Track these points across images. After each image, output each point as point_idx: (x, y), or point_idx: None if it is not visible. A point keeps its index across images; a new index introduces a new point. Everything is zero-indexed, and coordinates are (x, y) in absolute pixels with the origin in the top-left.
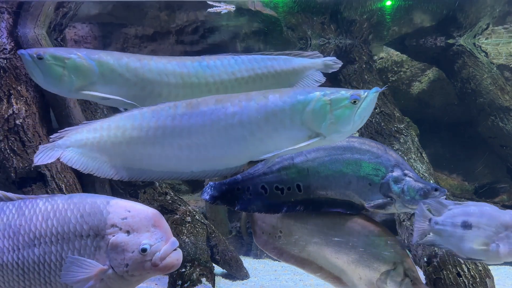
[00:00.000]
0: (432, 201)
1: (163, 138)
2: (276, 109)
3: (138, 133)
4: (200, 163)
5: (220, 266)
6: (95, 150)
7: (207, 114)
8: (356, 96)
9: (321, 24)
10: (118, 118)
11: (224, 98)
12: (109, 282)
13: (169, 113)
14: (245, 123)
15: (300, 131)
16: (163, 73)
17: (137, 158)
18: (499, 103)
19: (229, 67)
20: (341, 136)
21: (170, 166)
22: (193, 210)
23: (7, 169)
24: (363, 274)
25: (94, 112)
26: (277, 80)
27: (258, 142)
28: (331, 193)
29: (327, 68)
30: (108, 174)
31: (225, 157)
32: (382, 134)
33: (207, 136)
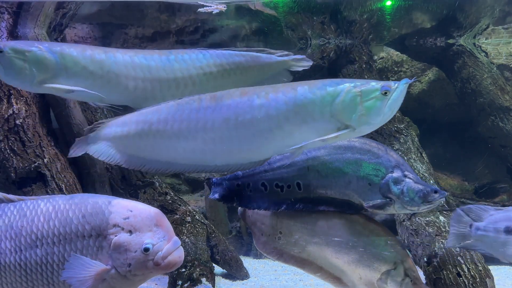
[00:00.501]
0: (473, 206)
1: (188, 131)
2: (306, 101)
3: (163, 127)
4: (224, 157)
5: (220, 266)
6: (124, 143)
7: (231, 107)
8: (387, 87)
9: (321, 24)
10: (145, 112)
11: (249, 91)
12: (112, 282)
13: (193, 106)
14: (273, 116)
15: (329, 123)
16: (129, 66)
17: (163, 151)
18: (499, 103)
19: (198, 61)
20: (371, 128)
21: (194, 159)
22: (193, 210)
23: (7, 169)
24: (364, 274)
25: (94, 112)
26: (245, 76)
27: (285, 135)
28: (330, 192)
29: (295, 67)
30: (136, 166)
31: (250, 150)
32: (382, 134)
33: (232, 129)
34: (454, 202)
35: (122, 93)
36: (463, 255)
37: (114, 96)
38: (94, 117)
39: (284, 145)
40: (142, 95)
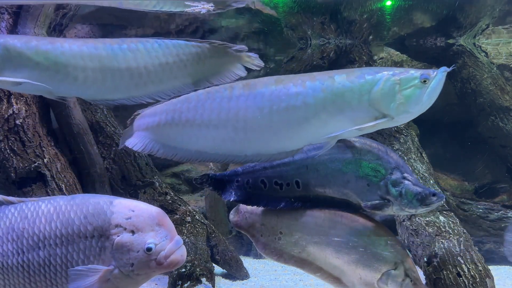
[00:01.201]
0: None
1: (218, 120)
2: (344, 89)
3: (193, 115)
4: (256, 146)
5: (220, 266)
6: (155, 133)
7: (265, 95)
8: (426, 75)
9: (321, 24)
10: (175, 101)
11: (284, 79)
12: (115, 281)
13: (224, 94)
14: (310, 104)
15: (367, 112)
16: (78, 56)
17: (192, 140)
18: (499, 103)
19: (153, 51)
20: (409, 117)
21: (224, 148)
22: (193, 210)
23: (7, 169)
24: (364, 274)
25: (94, 112)
26: (201, 68)
27: (321, 124)
28: (329, 191)
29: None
30: (167, 155)
31: (283, 140)
32: (382, 134)
33: (266, 118)
34: (454, 202)
35: (71, 84)
36: (463, 255)
37: (64, 87)
38: (94, 117)
39: (319, 134)
40: (94, 86)
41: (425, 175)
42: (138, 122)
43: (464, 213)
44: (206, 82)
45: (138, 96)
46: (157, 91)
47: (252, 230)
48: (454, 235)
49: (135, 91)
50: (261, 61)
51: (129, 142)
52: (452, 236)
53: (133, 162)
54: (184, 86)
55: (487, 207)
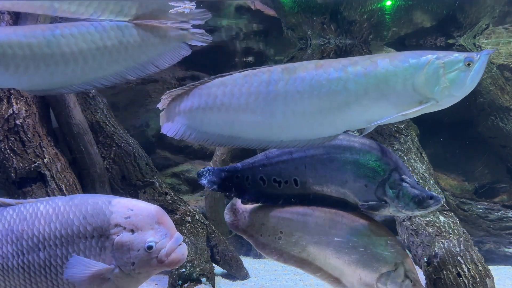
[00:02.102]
0: None
1: (256, 104)
2: (387, 74)
3: (229, 100)
4: (293, 132)
5: (220, 266)
6: (188, 117)
7: (306, 80)
8: (470, 58)
9: (321, 24)
10: (209, 85)
11: (325, 63)
12: (116, 281)
13: (262, 78)
14: (351, 90)
15: (411, 97)
16: (6, 44)
17: (227, 125)
18: (499, 103)
19: (89, 35)
20: (453, 100)
21: (260, 134)
22: (193, 210)
23: (7, 169)
24: (363, 275)
25: (94, 112)
26: (143, 49)
27: (362, 110)
28: (327, 190)
29: (194, 41)
30: (199, 141)
31: (322, 125)
32: (382, 134)
33: (305, 103)
34: (454, 202)
35: (2, 74)
36: (463, 255)
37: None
38: (94, 117)
39: (359, 120)
40: (26, 76)
41: (425, 175)
42: (169, 106)
43: (464, 213)
44: (151, 65)
45: (78, 83)
46: (97, 77)
47: (251, 230)
48: (454, 235)
49: (73, 79)
50: (209, 35)
51: (163, 128)
52: (452, 236)
53: (133, 162)
54: (127, 70)
55: (487, 207)
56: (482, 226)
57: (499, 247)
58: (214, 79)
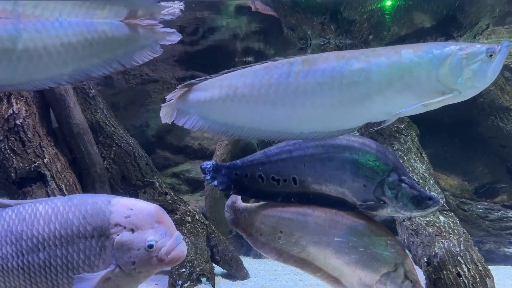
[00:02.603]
0: None
1: (275, 96)
2: (412, 65)
3: (249, 91)
4: (313, 124)
5: (220, 266)
6: (206, 109)
7: (327, 71)
8: (492, 49)
9: (321, 24)
10: (230, 76)
11: (346, 54)
12: (116, 280)
13: (282, 70)
14: (374, 81)
15: (434, 88)
16: None
17: (247, 117)
18: (499, 103)
19: (53, 30)
20: (475, 91)
21: (280, 126)
22: (193, 210)
23: (7, 169)
24: (363, 275)
25: (94, 112)
26: (109, 47)
27: (385, 101)
28: (325, 189)
29: (164, 40)
30: (219, 133)
31: (343, 117)
32: (382, 134)
33: (326, 94)
34: (454, 202)
35: None
36: (463, 255)
37: None
38: (94, 117)
39: (381, 111)
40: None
41: (425, 175)
42: (187, 97)
43: (464, 213)
44: (117, 63)
45: (40, 80)
46: (61, 73)
47: (250, 229)
48: (454, 235)
49: (36, 75)
50: (179, 34)
51: (178, 119)
52: (452, 236)
53: (133, 162)
54: (92, 67)
55: (487, 207)
56: (482, 226)
57: (499, 247)
58: (234, 71)
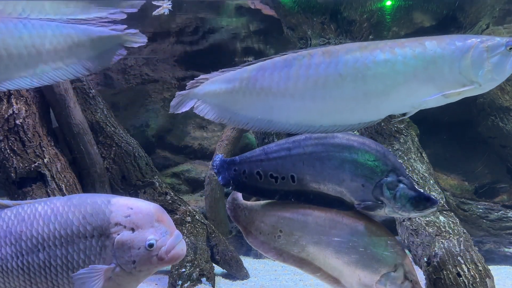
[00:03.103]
0: None
1: (295, 89)
2: (436, 56)
3: (269, 84)
4: (334, 117)
5: (220, 266)
6: (228, 100)
7: (349, 63)
8: (511, 42)
9: (321, 24)
10: (250, 68)
11: (370, 45)
12: (117, 279)
13: (303, 62)
14: (400, 72)
15: (456, 80)
16: None
17: (267, 109)
18: (499, 103)
19: (16, 31)
20: (494, 84)
21: (299, 118)
22: (193, 210)
23: (7, 169)
24: (363, 276)
25: (94, 112)
26: (74, 50)
27: (409, 93)
28: (324, 188)
29: (130, 42)
30: (239, 124)
31: (365, 110)
32: (382, 134)
33: (349, 86)
34: (454, 202)
35: None
36: (463, 255)
37: None
38: (94, 117)
39: (404, 104)
40: None
41: (425, 175)
42: (208, 87)
43: (464, 213)
44: (81, 67)
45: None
46: (21, 76)
47: (249, 227)
48: (454, 235)
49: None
50: (144, 36)
51: (199, 109)
52: (452, 236)
53: (133, 162)
54: (54, 71)
55: (487, 207)
56: (482, 226)
57: (499, 247)
58: (253, 63)
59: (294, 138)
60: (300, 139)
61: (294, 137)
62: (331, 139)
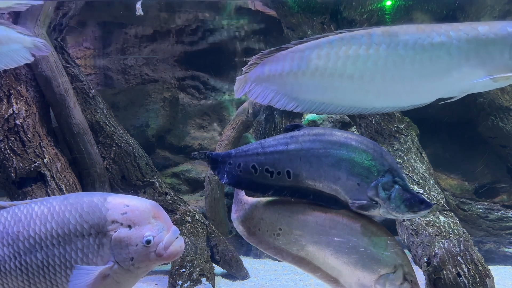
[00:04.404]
0: None
1: (354, 69)
2: (488, 41)
3: (324, 63)
4: (388, 98)
5: (220, 266)
6: (277, 82)
7: (409, 43)
8: None
9: (321, 24)
10: (303, 47)
11: (426, 27)
12: (115, 277)
13: (362, 41)
14: (454, 55)
15: (505, 66)
16: None
17: (320, 91)
18: (499, 103)
19: None
20: None
21: (354, 100)
22: (193, 210)
23: (7, 169)
24: (362, 276)
25: (94, 112)
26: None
27: (461, 77)
28: (319, 185)
29: (36, 49)
30: (288, 107)
31: (419, 92)
32: (382, 134)
33: (407, 67)
34: (454, 202)
35: None
36: (463, 255)
37: None
38: (94, 117)
39: (454, 88)
40: None
41: (425, 175)
42: (259, 70)
43: (464, 213)
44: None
45: None
46: None
47: (249, 223)
48: (454, 235)
49: None
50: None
51: (251, 93)
52: (452, 236)
53: (133, 162)
54: None
55: (487, 207)
56: (482, 226)
57: (499, 247)
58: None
59: (292, 134)
60: (298, 134)
61: (291, 133)
62: (329, 136)
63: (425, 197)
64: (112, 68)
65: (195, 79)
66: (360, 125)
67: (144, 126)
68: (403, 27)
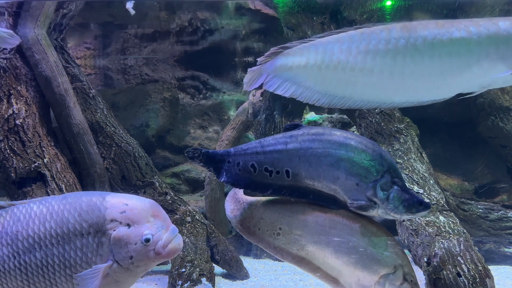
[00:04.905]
0: None
1: (374, 63)
2: (509, 37)
3: (346, 57)
4: (407, 93)
5: (220, 266)
6: (300, 74)
7: (428, 39)
8: None
9: (321, 24)
10: (325, 41)
11: (445, 23)
12: (115, 276)
13: (381, 36)
14: (474, 50)
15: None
16: None
17: (341, 84)
18: (499, 103)
19: None
20: None
21: (373, 94)
22: (193, 210)
23: (7, 169)
24: (362, 276)
25: (94, 112)
26: None
27: (480, 72)
28: (318, 184)
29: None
30: (310, 100)
31: (438, 87)
32: (382, 134)
33: (426, 63)
34: (454, 202)
35: None
36: (463, 255)
37: None
38: (94, 117)
39: (474, 83)
40: None
41: (425, 175)
42: (280, 62)
43: (464, 213)
44: None
45: None
46: None
47: (249, 223)
48: (454, 235)
49: None
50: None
51: (268, 85)
52: (452, 236)
53: (133, 162)
54: None
55: (487, 207)
56: (482, 226)
57: (499, 247)
58: (326, 36)
59: (292, 133)
60: (297, 134)
61: (291, 132)
62: (328, 136)
63: (425, 197)
64: (112, 68)
65: (195, 79)
66: (360, 125)
67: (144, 126)
68: (422, 22)
